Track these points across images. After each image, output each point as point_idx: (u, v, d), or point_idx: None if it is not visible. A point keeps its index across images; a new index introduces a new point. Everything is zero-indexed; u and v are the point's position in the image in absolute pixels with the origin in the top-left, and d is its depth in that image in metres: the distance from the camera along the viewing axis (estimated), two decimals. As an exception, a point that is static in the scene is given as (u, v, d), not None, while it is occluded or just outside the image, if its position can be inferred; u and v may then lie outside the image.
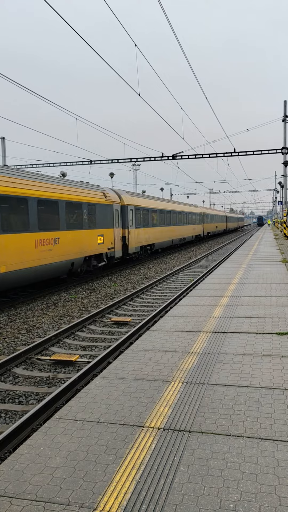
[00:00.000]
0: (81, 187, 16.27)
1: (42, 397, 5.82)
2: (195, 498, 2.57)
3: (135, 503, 2.54)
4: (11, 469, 2.92)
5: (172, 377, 4.54)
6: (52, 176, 14.79)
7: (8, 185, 11.51)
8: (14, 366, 7.01)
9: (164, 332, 6.45)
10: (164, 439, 3.27)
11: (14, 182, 11.82)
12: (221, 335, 6.18)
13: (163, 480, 2.76)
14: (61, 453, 3.12)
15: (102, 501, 2.56)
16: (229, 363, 4.96)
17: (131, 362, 5.08)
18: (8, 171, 12.05)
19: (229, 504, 2.50)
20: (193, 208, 40.32)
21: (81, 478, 2.80)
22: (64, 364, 7.12)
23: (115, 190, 21.25)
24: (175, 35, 13.27)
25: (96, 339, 8.66)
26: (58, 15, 9.49)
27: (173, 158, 27.87)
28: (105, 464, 2.96)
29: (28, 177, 12.77)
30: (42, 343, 7.93)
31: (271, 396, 4.00)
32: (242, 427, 3.42)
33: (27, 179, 12.61)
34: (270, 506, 2.47)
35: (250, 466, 2.88)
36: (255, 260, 16.81)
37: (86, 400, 4.02)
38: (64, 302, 12.65)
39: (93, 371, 6.48)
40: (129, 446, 3.18)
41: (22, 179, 12.36)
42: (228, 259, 17.72)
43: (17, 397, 5.80)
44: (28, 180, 12.63)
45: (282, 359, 5.04)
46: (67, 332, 8.83)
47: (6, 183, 11.47)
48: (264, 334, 6.17)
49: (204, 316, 7.44)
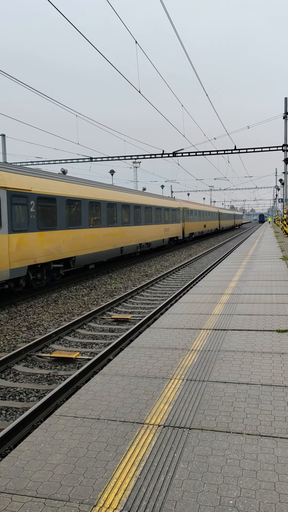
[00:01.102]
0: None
1: (42, 394, 5.83)
2: (195, 494, 2.57)
3: (135, 499, 2.55)
4: (11, 465, 2.93)
5: (172, 374, 4.55)
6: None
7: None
8: (15, 363, 7.02)
9: (164, 329, 6.45)
10: (164, 436, 3.28)
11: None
12: (221, 332, 6.19)
13: (163, 476, 2.77)
14: (62, 449, 3.13)
15: (102, 497, 2.57)
16: (229, 360, 4.97)
17: (131, 360, 5.09)
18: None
19: (228, 501, 2.51)
20: (165, 201, 28.85)
21: (81, 474, 2.81)
22: (64, 361, 7.13)
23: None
24: (176, 32, 13.23)
25: (96, 336, 8.67)
26: (58, 11, 9.46)
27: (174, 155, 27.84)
28: (105, 460, 2.97)
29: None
30: (43, 340, 7.95)
31: (271, 393, 4.00)
32: (242, 424, 3.43)
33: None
34: (269, 503, 2.48)
35: (250, 463, 2.89)
36: (256, 258, 16.81)
37: (87, 397, 4.03)
38: (65, 299, 12.66)
39: (93, 368, 6.49)
40: (129, 443, 3.19)
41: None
42: (229, 257, 17.72)
43: (17, 394, 5.81)
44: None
45: (282, 356, 5.05)
46: (67, 329, 8.84)
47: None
48: (264, 331, 6.17)
49: (205, 313, 7.45)
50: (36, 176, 13.10)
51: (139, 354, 5.28)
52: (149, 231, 24.35)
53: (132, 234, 21.28)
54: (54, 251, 13.63)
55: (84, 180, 17.12)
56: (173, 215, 30.45)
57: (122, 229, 19.92)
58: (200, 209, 42.32)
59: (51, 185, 13.73)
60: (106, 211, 17.95)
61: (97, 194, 17.17)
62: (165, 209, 28.25)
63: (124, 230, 20.11)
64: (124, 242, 20.11)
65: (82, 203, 15.61)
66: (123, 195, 20.49)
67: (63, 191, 14.41)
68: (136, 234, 22.04)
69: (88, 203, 16.12)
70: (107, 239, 18.04)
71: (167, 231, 28.74)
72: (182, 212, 33.43)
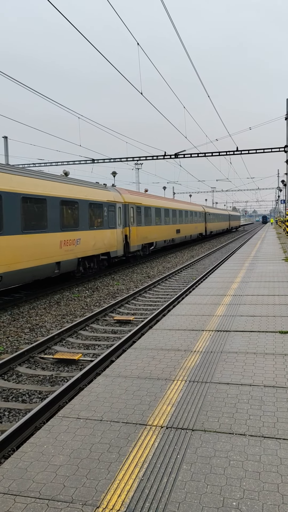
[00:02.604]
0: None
1: (45, 395, 5.84)
2: (198, 496, 2.57)
3: (138, 500, 2.55)
4: (14, 467, 2.94)
5: (175, 376, 4.55)
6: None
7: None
8: (17, 365, 7.03)
9: (167, 330, 6.45)
10: (167, 438, 3.28)
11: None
12: (224, 333, 6.18)
13: (166, 478, 2.76)
14: (65, 451, 3.13)
15: (106, 498, 2.57)
16: (232, 361, 4.96)
17: (134, 361, 5.09)
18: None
19: (232, 502, 2.50)
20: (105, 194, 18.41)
21: (84, 476, 2.81)
22: (67, 363, 7.13)
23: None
24: (177, 33, 13.25)
25: (99, 337, 8.67)
26: (60, 12, 9.49)
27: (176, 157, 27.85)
28: (108, 462, 2.97)
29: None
30: (45, 342, 7.95)
31: (274, 394, 4.00)
32: (245, 425, 3.43)
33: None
34: (273, 504, 2.47)
35: (253, 465, 2.88)
36: (258, 259, 16.79)
37: (89, 399, 4.03)
38: (67, 301, 12.67)
39: (96, 370, 6.49)
40: (132, 444, 3.19)
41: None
42: (231, 258, 17.71)
43: (20, 396, 5.82)
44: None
45: (285, 357, 5.04)
46: (70, 331, 8.84)
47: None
48: (267, 332, 6.16)
49: (207, 314, 7.44)
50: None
51: (142, 356, 5.28)
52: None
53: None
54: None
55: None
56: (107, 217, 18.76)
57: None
58: (175, 207, 30.21)
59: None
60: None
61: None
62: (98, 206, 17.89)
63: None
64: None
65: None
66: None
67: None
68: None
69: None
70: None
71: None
72: (125, 209, 20.74)
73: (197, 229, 39.20)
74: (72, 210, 14.79)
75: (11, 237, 11.43)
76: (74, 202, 14.91)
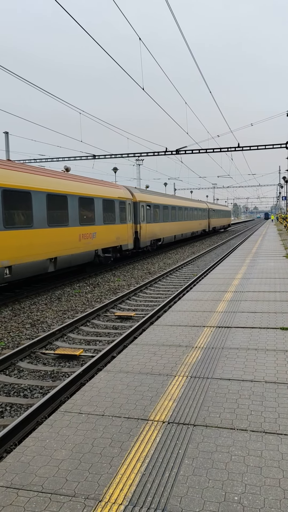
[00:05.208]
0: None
1: (46, 390, 5.86)
2: (200, 490, 2.58)
3: (140, 495, 2.56)
4: (17, 461, 2.95)
5: (177, 371, 4.56)
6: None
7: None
8: (19, 360, 7.05)
9: (168, 326, 6.46)
10: (169, 432, 3.29)
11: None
12: (225, 329, 6.19)
13: (168, 472, 2.78)
14: (67, 445, 3.14)
15: (108, 493, 2.58)
16: (233, 357, 4.97)
17: (135, 356, 5.10)
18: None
19: (233, 497, 2.52)
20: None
21: (86, 470, 2.82)
22: (68, 358, 7.15)
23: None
24: (179, 28, 13.19)
25: (100, 333, 8.69)
26: (62, 8, 9.44)
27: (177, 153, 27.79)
28: (110, 456, 2.98)
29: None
30: (47, 337, 7.97)
31: (275, 390, 4.01)
32: (247, 421, 3.44)
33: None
34: (274, 499, 2.49)
35: (255, 460, 2.89)
36: (259, 255, 16.78)
37: (91, 394, 4.05)
38: (68, 296, 12.69)
39: (97, 365, 6.50)
40: (134, 439, 3.21)
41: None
42: (232, 254, 17.70)
43: (22, 391, 5.84)
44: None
45: (286, 353, 5.05)
46: (71, 326, 8.86)
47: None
48: (268, 329, 6.17)
49: (208, 311, 7.45)
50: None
51: (143, 351, 5.29)
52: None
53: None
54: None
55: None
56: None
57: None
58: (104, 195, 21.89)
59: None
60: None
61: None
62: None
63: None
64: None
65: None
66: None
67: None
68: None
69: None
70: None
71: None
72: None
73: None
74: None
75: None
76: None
